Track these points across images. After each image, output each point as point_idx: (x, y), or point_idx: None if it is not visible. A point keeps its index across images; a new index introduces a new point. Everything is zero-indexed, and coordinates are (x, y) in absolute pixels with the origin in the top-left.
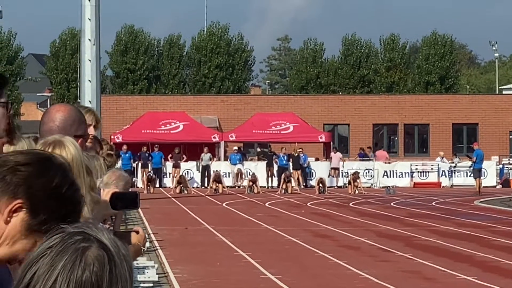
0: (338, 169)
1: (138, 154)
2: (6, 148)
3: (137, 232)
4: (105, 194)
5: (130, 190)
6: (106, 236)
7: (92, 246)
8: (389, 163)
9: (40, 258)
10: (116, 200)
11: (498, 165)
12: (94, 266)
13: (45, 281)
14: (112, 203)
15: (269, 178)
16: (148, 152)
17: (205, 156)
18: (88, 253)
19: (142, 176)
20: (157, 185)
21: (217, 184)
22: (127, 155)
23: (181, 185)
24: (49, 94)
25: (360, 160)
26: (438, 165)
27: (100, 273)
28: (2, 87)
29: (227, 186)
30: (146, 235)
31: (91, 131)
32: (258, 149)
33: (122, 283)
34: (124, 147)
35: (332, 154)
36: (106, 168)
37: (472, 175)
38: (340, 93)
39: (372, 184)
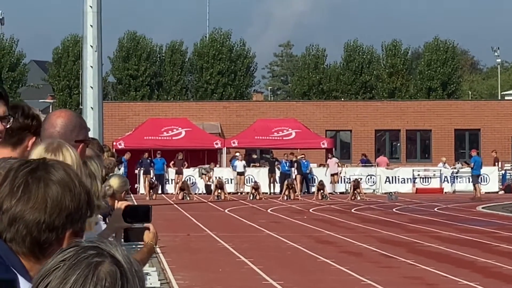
0: (337, 174)
1: (140, 160)
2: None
3: (148, 229)
4: (118, 207)
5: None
6: (119, 252)
7: (105, 261)
8: (391, 169)
9: (53, 271)
10: (129, 213)
11: (500, 170)
12: (106, 281)
13: None
14: (125, 216)
15: (271, 185)
16: (150, 158)
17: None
18: (100, 268)
19: (144, 182)
20: (159, 192)
21: (219, 191)
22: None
23: (184, 192)
24: (51, 101)
25: (362, 166)
26: (440, 171)
27: None
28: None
29: (229, 193)
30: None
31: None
32: (254, 156)
33: None
34: (127, 155)
35: (328, 161)
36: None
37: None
38: (342, 99)
39: (374, 190)
